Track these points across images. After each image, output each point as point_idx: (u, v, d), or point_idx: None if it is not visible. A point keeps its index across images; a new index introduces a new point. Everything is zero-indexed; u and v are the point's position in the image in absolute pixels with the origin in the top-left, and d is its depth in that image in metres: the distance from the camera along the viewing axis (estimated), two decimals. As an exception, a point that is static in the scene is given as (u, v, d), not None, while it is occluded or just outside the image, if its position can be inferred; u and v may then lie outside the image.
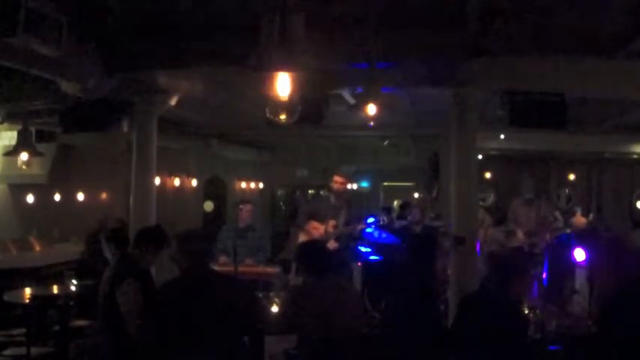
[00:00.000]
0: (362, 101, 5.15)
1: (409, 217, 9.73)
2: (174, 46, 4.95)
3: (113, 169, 8.81)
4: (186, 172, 10.79)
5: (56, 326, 5.95)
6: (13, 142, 6.42)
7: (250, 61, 3.18)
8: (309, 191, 14.74)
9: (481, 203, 9.95)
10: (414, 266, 4.64)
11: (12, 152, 5.99)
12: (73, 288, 6.11)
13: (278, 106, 3.73)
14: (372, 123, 5.98)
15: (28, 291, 6.11)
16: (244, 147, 12.31)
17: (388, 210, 12.52)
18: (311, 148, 13.39)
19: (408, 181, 15.27)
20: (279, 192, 15.25)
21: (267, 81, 3.39)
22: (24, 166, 6.12)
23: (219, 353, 3.65)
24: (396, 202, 13.68)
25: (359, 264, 7.87)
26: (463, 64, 4.98)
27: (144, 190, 6.08)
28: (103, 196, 9.28)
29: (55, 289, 6.25)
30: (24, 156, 5.97)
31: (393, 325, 4.56)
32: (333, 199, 7.16)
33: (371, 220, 7.56)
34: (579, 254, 7.06)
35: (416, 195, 13.82)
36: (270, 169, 14.04)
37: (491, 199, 11.56)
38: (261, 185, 14.10)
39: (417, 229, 8.17)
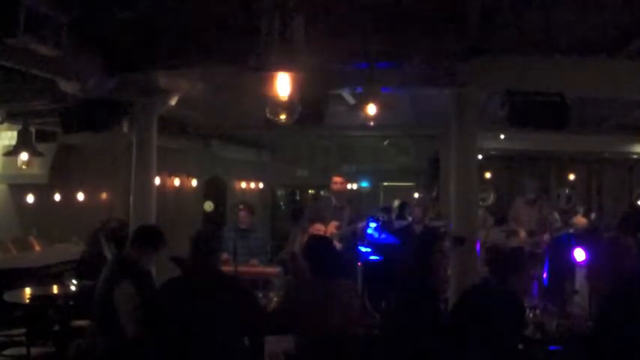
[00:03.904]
0: (362, 101, 5.15)
1: (409, 217, 9.72)
2: (175, 46, 4.96)
3: (113, 169, 8.80)
4: (186, 172, 10.79)
5: (56, 326, 5.94)
6: (13, 142, 6.44)
7: (250, 61, 3.19)
8: (310, 191, 14.75)
9: (481, 203, 9.96)
10: (414, 266, 4.64)
11: (12, 152, 6.00)
12: (73, 288, 6.11)
13: (278, 106, 3.72)
14: (372, 123, 5.98)
15: (28, 291, 6.11)
16: (244, 147, 12.32)
17: (387, 210, 12.54)
18: (311, 148, 13.40)
19: (408, 181, 15.26)
20: (279, 192, 15.25)
21: (267, 81, 3.39)
22: (24, 166, 6.14)
23: (219, 352, 3.66)
24: (396, 202, 13.68)
25: (359, 264, 7.87)
26: (463, 64, 4.98)
27: (144, 190, 6.08)
28: (103, 196, 9.28)
29: (55, 289, 6.25)
30: (24, 156, 5.99)
31: (393, 325, 4.56)
32: (334, 199, 7.20)
33: (373, 224, 7.57)
34: (579, 254, 7.06)
35: (416, 195, 13.82)
36: (270, 169, 14.05)
37: (491, 199, 11.56)
38: (261, 185, 14.11)
39: (418, 228, 8.15)
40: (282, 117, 3.80)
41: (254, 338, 4.24)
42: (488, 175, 11.71)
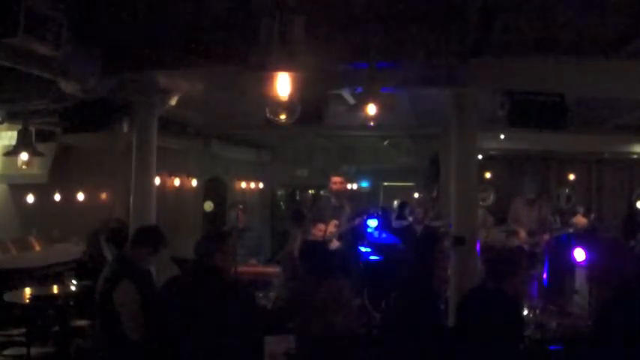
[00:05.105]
0: (362, 101, 5.15)
1: (410, 217, 9.73)
2: (174, 46, 4.95)
3: (113, 169, 8.80)
4: (186, 172, 10.79)
5: (56, 326, 5.95)
6: (13, 142, 6.43)
7: (250, 61, 3.19)
8: (310, 191, 14.75)
9: (481, 203, 9.96)
10: (414, 266, 4.64)
11: (12, 152, 6.00)
12: (73, 288, 6.12)
13: (278, 106, 3.72)
14: (372, 123, 5.98)
15: (28, 291, 6.11)
16: (244, 147, 12.31)
17: (385, 210, 12.61)
18: (311, 148, 13.39)
19: (408, 181, 15.28)
20: (279, 192, 15.25)
21: (267, 81, 3.38)
22: (24, 166, 6.13)
23: (218, 352, 3.66)
24: (395, 202, 13.69)
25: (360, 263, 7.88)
26: (463, 64, 4.97)
27: (144, 190, 6.08)
28: (103, 196, 9.28)
29: (55, 289, 6.26)
30: (24, 156, 5.99)
31: (393, 325, 4.56)
32: (333, 199, 7.25)
33: (375, 223, 7.59)
34: (579, 254, 7.07)
35: (416, 195, 13.83)
36: (270, 169, 14.04)
37: (491, 199, 11.56)
38: (261, 185, 14.10)
39: (418, 228, 8.16)
40: (282, 117, 3.80)
41: (254, 338, 4.24)
42: (488, 175, 11.72)
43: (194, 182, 11.07)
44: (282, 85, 3.37)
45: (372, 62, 4.67)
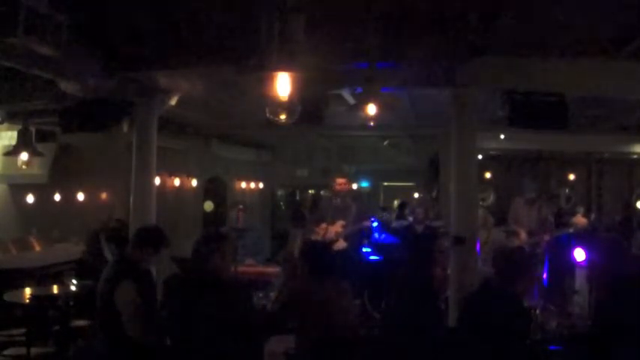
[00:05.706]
0: (362, 101, 5.15)
1: (410, 217, 9.73)
2: (174, 46, 4.96)
3: (113, 169, 8.80)
4: (186, 172, 10.79)
5: (56, 326, 5.95)
6: (13, 142, 6.43)
7: (250, 61, 3.19)
8: (310, 191, 14.76)
9: (481, 203, 9.96)
10: (414, 266, 4.65)
11: (12, 152, 6.00)
12: (73, 288, 6.11)
13: (278, 106, 3.73)
14: (372, 123, 5.99)
15: (28, 291, 6.11)
16: (244, 147, 12.32)
17: (384, 210, 12.61)
18: (311, 148, 13.40)
19: (408, 181, 15.28)
20: (279, 192, 15.25)
21: (267, 81, 3.39)
22: (24, 166, 6.13)
23: (216, 352, 3.66)
24: (395, 202, 13.70)
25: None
26: (463, 64, 4.98)
27: (144, 190, 6.08)
28: (103, 196, 9.28)
29: (55, 289, 6.25)
30: (24, 156, 5.99)
31: (393, 325, 4.56)
32: (337, 200, 7.30)
33: (375, 223, 7.61)
34: (579, 254, 7.07)
35: (416, 195, 13.84)
36: (270, 169, 14.05)
37: (491, 199, 11.58)
38: (261, 185, 14.11)
39: (419, 228, 8.16)
40: (282, 117, 3.80)
41: (253, 338, 4.25)
42: (488, 175, 11.73)
43: (194, 182, 11.08)
44: (282, 85, 3.37)
45: (372, 62, 4.67)
